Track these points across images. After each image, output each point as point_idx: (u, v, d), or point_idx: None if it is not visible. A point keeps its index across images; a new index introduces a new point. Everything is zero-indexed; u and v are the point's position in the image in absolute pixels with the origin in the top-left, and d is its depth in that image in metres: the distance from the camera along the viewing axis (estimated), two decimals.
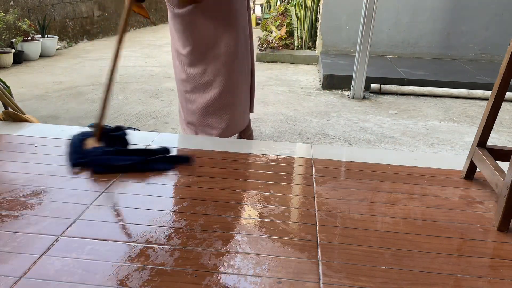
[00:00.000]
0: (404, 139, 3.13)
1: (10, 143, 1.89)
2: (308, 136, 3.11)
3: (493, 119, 1.60)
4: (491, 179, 1.46)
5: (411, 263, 1.18)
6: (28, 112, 2.52)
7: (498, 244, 1.29)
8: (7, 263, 1.11)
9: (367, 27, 3.99)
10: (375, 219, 1.39)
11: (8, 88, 2.43)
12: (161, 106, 3.68)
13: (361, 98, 4.21)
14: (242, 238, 1.26)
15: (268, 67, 5.59)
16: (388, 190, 1.59)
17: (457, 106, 4.08)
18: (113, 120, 3.26)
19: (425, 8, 5.61)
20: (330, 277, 1.11)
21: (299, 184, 1.62)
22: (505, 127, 3.51)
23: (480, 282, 1.12)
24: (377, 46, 5.73)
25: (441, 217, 1.43)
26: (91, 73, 4.84)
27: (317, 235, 1.28)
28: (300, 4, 6.24)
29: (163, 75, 4.85)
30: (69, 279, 1.06)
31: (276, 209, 1.42)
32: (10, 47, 5.11)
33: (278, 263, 1.15)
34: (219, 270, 1.12)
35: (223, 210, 1.40)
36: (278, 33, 6.11)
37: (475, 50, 5.71)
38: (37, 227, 1.26)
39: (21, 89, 4.06)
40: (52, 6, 6.27)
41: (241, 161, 1.81)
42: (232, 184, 1.59)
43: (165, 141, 1.98)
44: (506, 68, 1.51)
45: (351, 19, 5.70)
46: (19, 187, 1.50)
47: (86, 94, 3.98)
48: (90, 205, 1.40)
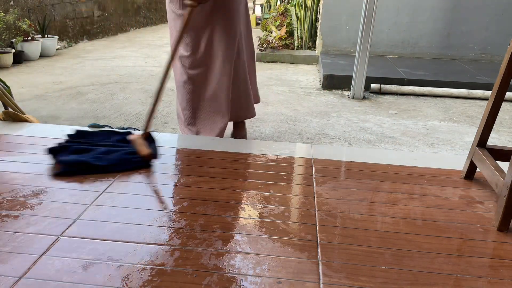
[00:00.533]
0: (404, 139, 3.13)
1: (10, 143, 1.89)
2: (308, 136, 3.11)
3: (493, 119, 1.60)
4: (491, 179, 1.46)
5: (411, 263, 1.18)
6: (28, 112, 2.52)
7: (498, 244, 1.29)
8: (7, 263, 1.11)
9: (367, 27, 3.99)
10: (375, 219, 1.39)
11: (8, 88, 2.43)
12: (161, 106, 3.68)
13: (361, 98, 4.21)
14: (242, 238, 1.26)
15: (268, 67, 5.59)
16: (388, 190, 1.59)
17: (457, 106, 4.08)
18: (113, 120, 3.26)
19: (425, 8, 5.61)
20: (330, 277, 1.11)
21: (299, 184, 1.62)
22: (505, 127, 3.51)
23: (480, 282, 1.12)
24: (377, 46, 5.72)
25: (441, 217, 1.43)
26: (91, 73, 4.84)
27: (317, 235, 1.28)
28: (300, 4, 6.24)
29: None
30: (69, 279, 1.06)
31: (276, 209, 1.42)
32: (10, 47, 5.11)
33: (278, 263, 1.15)
34: (219, 270, 1.12)
35: (223, 210, 1.40)
36: (278, 33, 6.11)
37: (475, 50, 5.71)
38: (37, 227, 1.26)
39: (21, 89, 4.06)
40: (52, 6, 6.27)
41: (241, 161, 1.81)
42: (232, 184, 1.59)
43: (165, 141, 1.98)
44: (506, 68, 1.51)
45: (351, 19, 5.70)
46: (19, 187, 1.50)
47: (86, 94, 3.98)
48: (90, 205, 1.40)
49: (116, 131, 1.98)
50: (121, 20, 8.25)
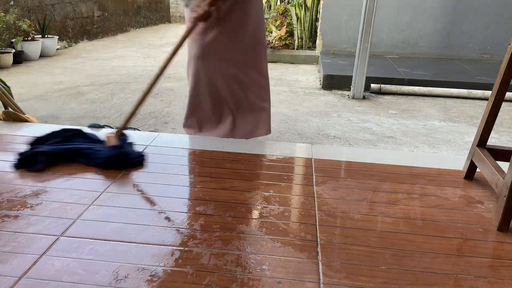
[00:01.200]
0: (404, 139, 3.13)
1: (10, 143, 1.89)
2: (308, 136, 3.11)
3: (493, 119, 1.60)
4: (491, 179, 1.46)
5: (411, 263, 1.18)
6: (28, 112, 2.51)
7: (498, 244, 1.29)
8: (7, 263, 1.11)
9: (367, 27, 3.99)
10: (375, 219, 1.39)
11: (8, 88, 2.43)
12: (161, 106, 3.68)
13: (361, 98, 4.21)
14: (242, 238, 1.26)
15: (268, 67, 5.58)
16: (388, 190, 1.59)
17: (457, 106, 4.08)
18: (113, 120, 3.26)
19: (425, 8, 5.61)
20: (330, 277, 1.11)
21: (299, 184, 1.62)
22: (505, 127, 3.51)
23: (480, 282, 1.12)
24: (377, 46, 5.72)
25: (441, 217, 1.43)
26: (91, 73, 4.84)
27: (317, 235, 1.28)
28: (300, 4, 6.24)
29: (163, 75, 4.84)
30: (69, 279, 1.06)
31: (276, 209, 1.42)
32: (10, 47, 5.11)
33: (278, 263, 1.15)
34: (219, 270, 1.12)
35: (223, 210, 1.40)
36: (278, 33, 6.11)
37: (475, 50, 5.71)
38: (37, 227, 1.26)
39: (21, 89, 4.06)
40: (52, 6, 6.27)
41: (241, 161, 1.81)
42: (232, 184, 1.59)
43: (165, 141, 1.98)
44: (506, 68, 1.51)
45: (351, 19, 5.70)
46: (19, 187, 1.50)
47: (86, 94, 3.98)
48: (90, 205, 1.40)
49: (85, 132, 1.90)
50: (121, 20, 8.25)
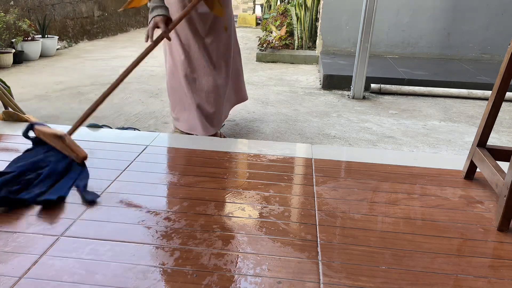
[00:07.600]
0: (404, 139, 3.12)
1: (10, 143, 1.90)
2: (308, 136, 3.11)
3: (493, 119, 1.60)
4: (491, 179, 1.46)
5: (411, 263, 1.18)
6: (28, 112, 2.52)
7: (498, 244, 1.29)
8: (7, 263, 1.11)
9: (367, 27, 3.99)
10: (375, 219, 1.39)
11: (8, 88, 2.43)
12: (161, 106, 3.68)
13: (361, 98, 4.21)
14: (242, 238, 1.26)
15: (268, 67, 5.58)
16: (388, 190, 1.59)
17: (457, 106, 4.08)
18: (114, 120, 3.26)
19: (425, 8, 5.61)
20: (330, 277, 1.11)
21: (299, 184, 1.62)
22: (505, 127, 3.51)
23: (480, 282, 1.12)
24: (377, 46, 5.72)
25: (441, 217, 1.43)
26: (91, 73, 4.84)
27: (317, 235, 1.28)
28: (300, 4, 6.24)
29: (163, 75, 4.84)
30: (69, 279, 1.06)
31: (276, 209, 1.42)
32: (10, 47, 5.11)
33: (278, 263, 1.15)
34: (219, 270, 1.12)
35: (223, 210, 1.40)
36: (278, 33, 6.11)
37: (475, 50, 5.71)
38: (37, 227, 1.26)
39: (21, 89, 4.06)
40: (52, 6, 6.27)
41: (241, 161, 1.81)
42: (232, 184, 1.59)
43: (164, 141, 1.98)
44: (506, 68, 1.51)
45: (351, 19, 5.70)
46: None
47: (86, 94, 3.98)
48: (90, 205, 1.40)
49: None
50: (121, 20, 8.25)
